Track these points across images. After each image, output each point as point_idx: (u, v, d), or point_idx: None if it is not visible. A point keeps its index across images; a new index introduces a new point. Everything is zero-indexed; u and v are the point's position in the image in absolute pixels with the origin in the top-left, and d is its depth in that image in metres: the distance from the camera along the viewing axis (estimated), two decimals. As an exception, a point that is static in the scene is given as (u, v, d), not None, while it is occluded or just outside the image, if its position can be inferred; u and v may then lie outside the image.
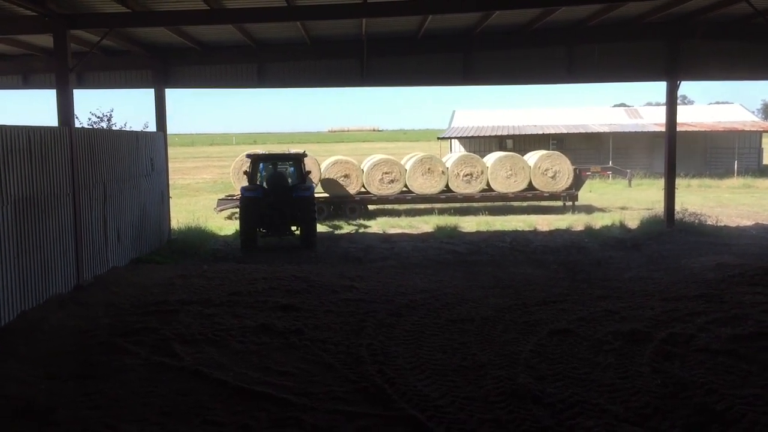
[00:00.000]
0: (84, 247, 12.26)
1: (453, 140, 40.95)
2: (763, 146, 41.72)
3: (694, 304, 10.18)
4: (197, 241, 17.02)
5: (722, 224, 18.80)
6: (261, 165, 18.22)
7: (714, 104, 52.55)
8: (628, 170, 30.52)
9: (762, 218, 21.06)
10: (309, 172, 18.21)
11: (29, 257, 10.33)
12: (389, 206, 24.91)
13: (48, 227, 10.99)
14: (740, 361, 7.67)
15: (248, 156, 17.75)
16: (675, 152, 18.21)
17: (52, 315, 9.96)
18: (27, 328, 9.33)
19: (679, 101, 18.83)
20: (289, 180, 17.90)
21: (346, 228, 20.66)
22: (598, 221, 20.37)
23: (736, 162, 37.65)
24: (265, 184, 17.32)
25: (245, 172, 17.78)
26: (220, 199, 24.27)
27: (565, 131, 38.54)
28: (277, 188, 16.90)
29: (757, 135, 40.17)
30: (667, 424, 6.18)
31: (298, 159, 18.01)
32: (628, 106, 51.14)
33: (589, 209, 24.30)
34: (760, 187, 32.14)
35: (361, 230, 20.15)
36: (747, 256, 14.21)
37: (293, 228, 16.78)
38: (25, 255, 10.18)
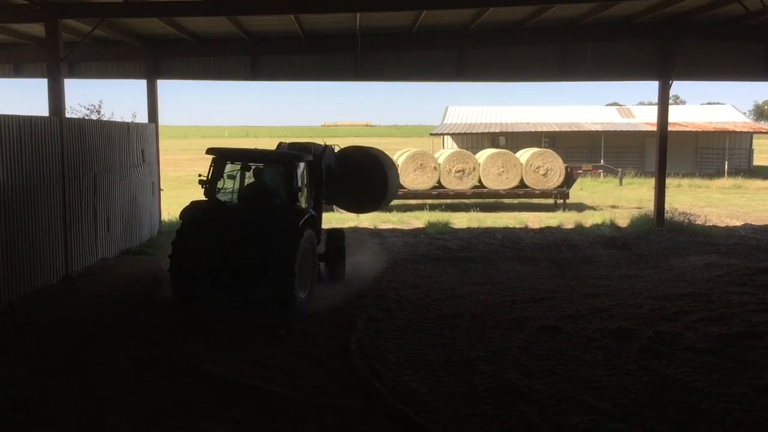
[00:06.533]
0: (73, 237, 12.20)
1: (446, 136, 40.97)
2: (753, 147, 41.95)
3: (681, 303, 10.25)
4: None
5: (711, 224, 18.89)
6: (239, 168, 11.06)
7: (706, 105, 52.84)
8: (620, 169, 30.69)
9: (751, 219, 21.17)
10: (324, 183, 11.46)
11: (18, 247, 10.27)
12: (381, 201, 24.84)
13: (37, 217, 10.92)
14: (726, 359, 7.74)
15: (210, 152, 10.79)
16: (666, 152, 18.26)
17: (40, 306, 9.92)
18: (15, 319, 9.30)
19: (671, 101, 18.87)
20: (270, 195, 10.73)
21: (337, 222, 20.63)
22: (589, 219, 20.43)
23: (726, 162, 37.83)
24: (233, 198, 10.95)
25: (199, 180, 10.73)
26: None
27: (557, 129, 38.64)
28: (247, 208, 10.52)
29: (747, 136, 40.39)
30: (653, 421, 6.24)
31: (288, 163, 10.47)
32: (621, 105, 51.27)
33: (579, 207, 24.36)
34: (750, 188, 32.31)
35: (352, 225, 20.13)
36: (735, 255, 14.30)
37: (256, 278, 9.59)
38: (13, 244, 10.13)
